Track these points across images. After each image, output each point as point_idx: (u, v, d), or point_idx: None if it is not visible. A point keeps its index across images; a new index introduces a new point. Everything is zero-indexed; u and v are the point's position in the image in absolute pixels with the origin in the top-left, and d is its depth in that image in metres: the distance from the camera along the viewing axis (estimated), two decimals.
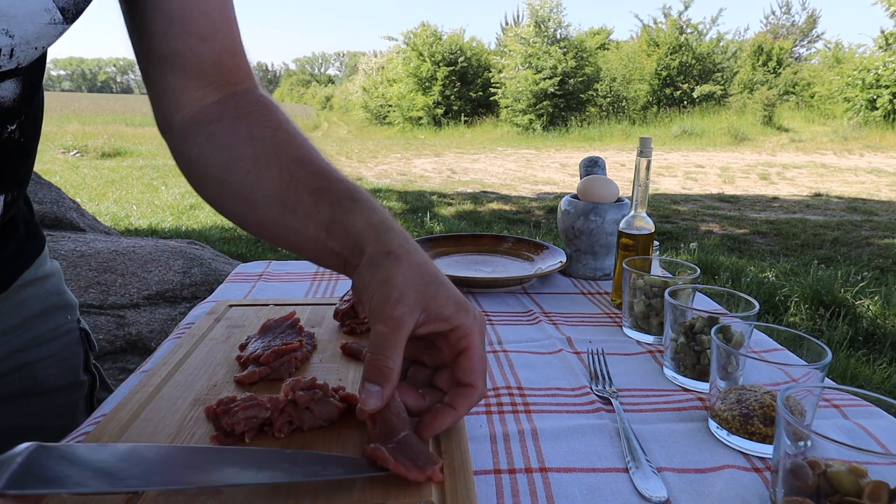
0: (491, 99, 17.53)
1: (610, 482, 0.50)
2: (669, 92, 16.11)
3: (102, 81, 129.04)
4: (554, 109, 15.86)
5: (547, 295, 0.97)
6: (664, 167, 9.03)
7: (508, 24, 20.91)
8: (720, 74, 16.10)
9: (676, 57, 16.05)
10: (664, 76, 16.14)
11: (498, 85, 17.02)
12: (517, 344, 0.78)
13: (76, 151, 9.80)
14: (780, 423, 0.44)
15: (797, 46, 21.40)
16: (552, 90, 15.68)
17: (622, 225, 0.90)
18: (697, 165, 9.28)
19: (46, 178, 3.54)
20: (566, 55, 15.94)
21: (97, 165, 8.64)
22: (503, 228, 5.09)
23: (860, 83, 13.61)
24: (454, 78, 18.20)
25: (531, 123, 15.72)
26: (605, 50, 17.39)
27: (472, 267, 1.06)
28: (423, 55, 18.28)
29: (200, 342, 0.70)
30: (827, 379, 0.59)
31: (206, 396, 0.57)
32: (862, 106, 13.50)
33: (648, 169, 0.86)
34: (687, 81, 16.00)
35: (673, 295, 0.69)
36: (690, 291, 0.74)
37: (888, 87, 12.99)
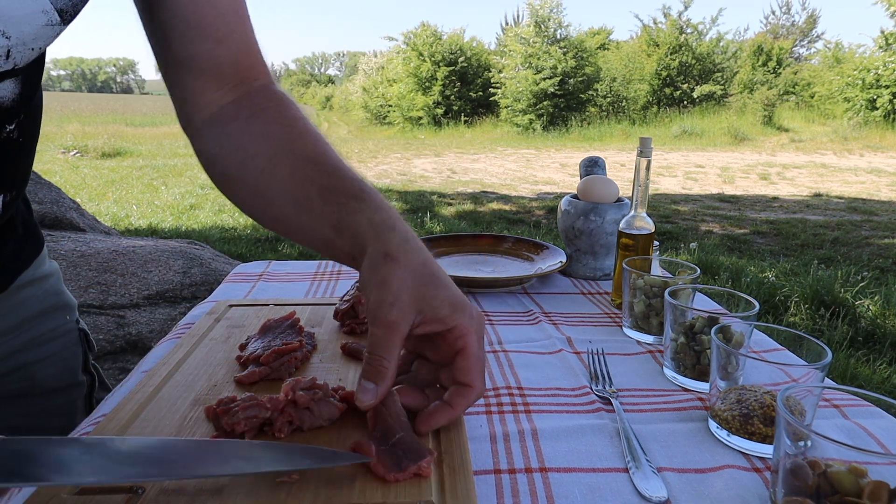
0: (491, 99, 17.52)
1: (610, 482, 0.50)
2: (669, 92, 16.10)
3: (102, 81, 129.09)
4: (554, 109, 15.85)
5: (547, 295, 0.97)
6: (664, 167, 9.03)
7: (508, 24, 20.91)
8: (720, 74, 16.10)
9: (676, 57, 16.04)
10: (664, 76, 16.13)
11: (498, 85, 17.01)
12: (517, 344, 0.78)
13: (76, 151, 9.80)
14: (780, 423, 0.44)
15: (797, 46, 21.41)
16: (552, 90, 15.68)
17: (622, 225, 0.90)
18: (697, 165, 9.28)
19: (46, 178, 3.54)
20: (566, 55, 15.93)
21: (97, 165, 8.64)
22: (503, 228, 5.09)
23: (860, 83, 13.61)
24: (454, 78, 18.19)
25: (531, 123, 15.71)
26: (605, 50, 17.38)
27: (472, 267, 1.06)
28: (423, 55, 18.27)
29: (200, 342, 0.70)
30: (827, 379, 0.59)
31: (206, 396, 0.57)
32: (862, 106, 13.50)
33: (648, 169, 0.86)
34: (687, 81, 15.99)
35: (673, 295, 0.69)
36: (690, 291, 0.74)
37: (888, 87, 12.98)
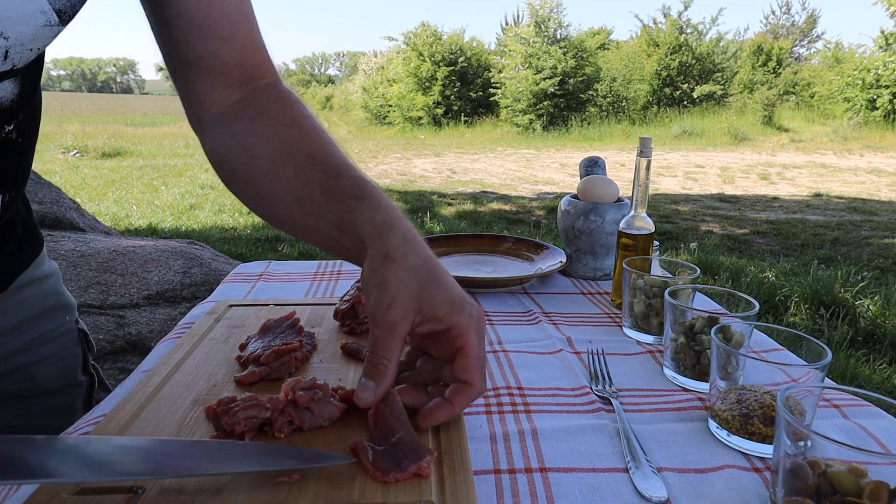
0: (491, 99, 17.50)
1: (610, 482, 0.50)
2: (669, 92, 16.10)
3: (102, 81, 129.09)
4: (554, 109, 15.84)
5: (547, 295, 0.97)
6: (664, 167, 9.03)
7: (508, 24, 20.88)
8: (720, 74, 16.09)
9: (676, 57, 16.03)
10: (664, 76, 16.13)
11: (498, 85, 17.00)
12: (517, 344, 0.78)
13: (76, 151, 9.80)
14: (780, 423, 0.44)
15: (797, 46, 21.40)
16: (552, 90, 15.67)
17: (622, 225, 0.90)
18: (697, 165, 9.28)
19: (46, 178, 3.54)
20: (566, 55, 15.93)
21: (97, 165, 8.64)
22: (503, 228, 5.09)
23: (860, 83, 13.60)
24: (454, 78, 18.18)
25: (531, 123, 15.70)
26: (605, 50, 17.37)
27: (472, 267, 1.06)
28: (423, 55, 18.26)
29: (200, 342, 0.70)
30: (827, 379, 0.59)
31: (206, 396, 0.57)
32: (862, 106, 13.49)
33: (648, 169, 0.86)
34: (687, 81, 15.99)
35: (673, 295, 0.69)
36: (690, 291, 0.74)
37: (888, 87, 12.98)
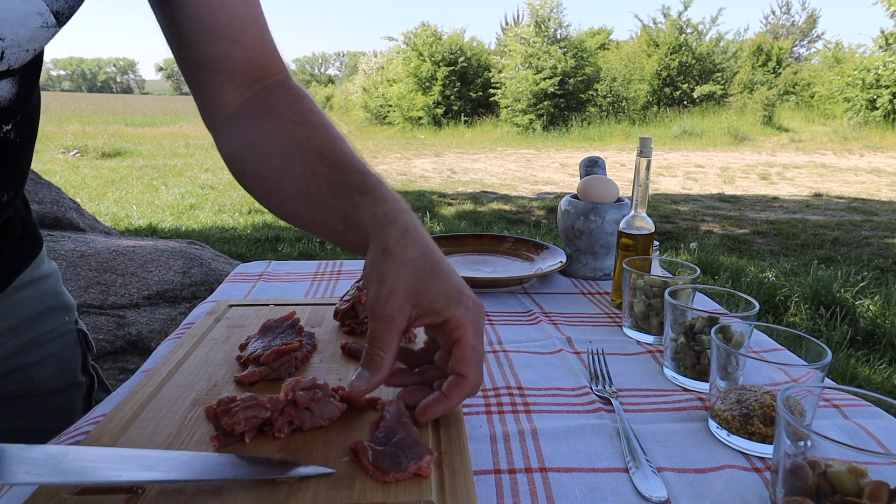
0: (491, 99, 17.50)
1: (610, 482, 0.50)
2: (669, 92, 16.09)
3: (102, 81, 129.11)
4: (554, 109, 15.84)
5: (547, 295, 0.97)
6: (664, 167, 9.03)
7: (508, 24, 20.87)
8: (720, 74, 16.09)
9: (676, 57, 16.03)
10: (664, 76, 16.12)
11: (498, 85, 16.99)
12: (517, 344, 0.78)
13: (76, 151, 9.80)
14: (780, 423, 0.44)
15: (797, 46, 21.39)
16: (552, 90, 15.67)
17: (622, 225, 0.90)
18: (697, 165, 9.28)
19: (46, 178, 3.54)
20: (566, 55, 15.92)
21: (97, 165, 8.64)
22: (503, 228, 5.09)
23: (860, 83, 13.60)
24: (454, 78, 18.17)
25: (531, 123, 15.70)
26: (605, 50, 17.36)
27: (472, 267, 1.06)
28: (423, 55, 18.25)
29: (200, 342, 0.70)
30: (827, 379, 0.59)
31: (206, 396, 0.57)
32: (862, 106, 13.49)
33: (648, 169, 0.86)
34: (687, 81, 15.99)
35: (673, 295, 0.69)
36: (690, 291, 0.74)
37: (888, 87, 12.98)
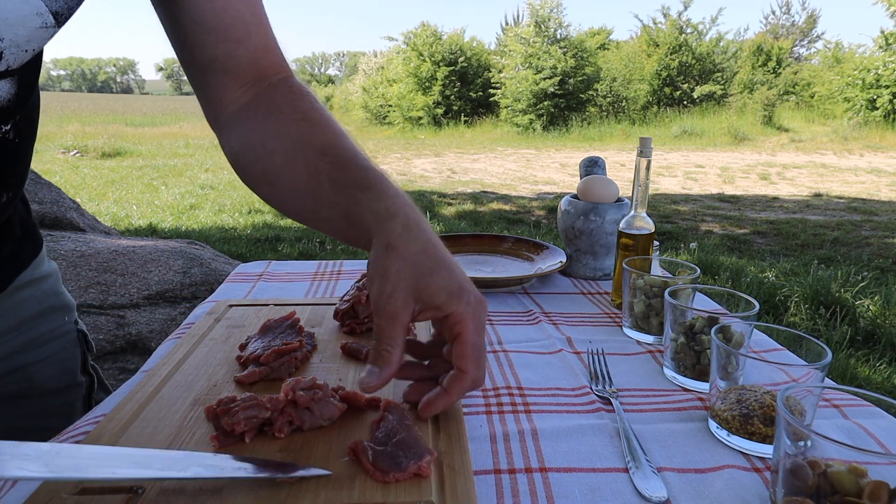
0: (491, 99, 17.49)
1: (610, 482, 0.50)
2: (669, 92, 16.09)
3: (102, 81, 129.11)
4: (554, 109, 15.84)
5: (547, 295, 0.97)
6: (664, 167, 9.03)
7: (508, 24, 20.85)
8: (720, 74, 16.08)
9: (676, 57, 16.03)
10: (664, 76, 16.12)
11: (498, 85, 16.99)
12: (517, 344, 0.78)
13: (76, 151, 9.80)
14: (780, 423, 0.44)
15: (797, 46, 21.39)
16: (552, 90, 15.67)
17: (622, 225, 0.90)
18: (697, 165, 9.28)
19: (46, 178, 3.54)
20: (566, 55, 15.92)
21: (97, 165, 8.64)
22: (503, 228, 5.09)
23: (860, 83, 13.60)
24: (454, 78, 18.17)
25: (531, 123, 15.69)
26: (605, 50, 17.36)
27: (472, 267, 1.06)
28: (423, 55, 18.24)
29: (200, 342, 0.70)
30: (827, 379, 0.59)
31: (206, 396, 0.57)
32: (862, 106, 13.49)
33: (648, 169, 0.86)
34: (687, 81, 15.98)
35: (673, 295, 0.69)
36: (690, 291, 0.74)
37: (888, 87, 12.97)
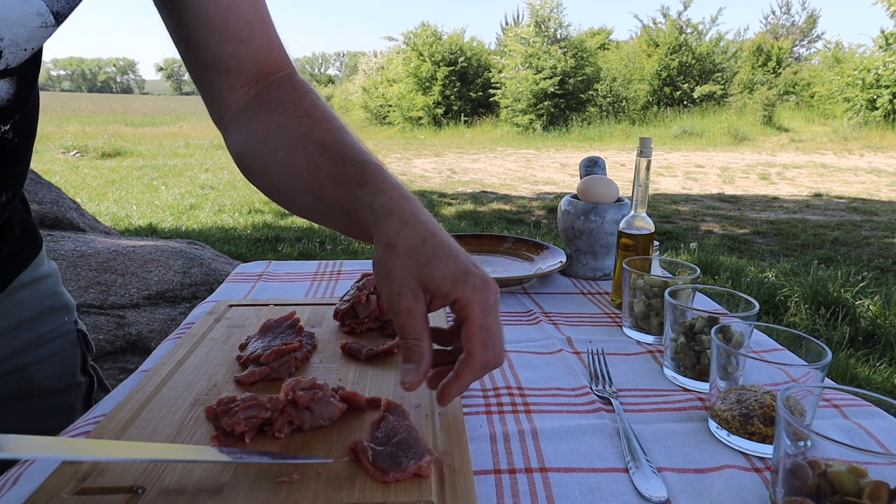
0: (491, 99, 17.48)
1: (610, 482, 0.50)
2: (669, 92, 16.09)
3: (102, 81, 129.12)
4: (554, 109, 15.83)
5: (547, 295, 0.97)
6: (664, 167, 9.03)
7: (508, 24, 20.85)
8: (720, 74, 16.08)
9: (676, 57, 16.03)
10: (664, 76, 16.12)
11: (498, 85, 16.98)
12: (517, 344, 0.78)
13: (76, 151, 9.80)
14: (780, 423, 0.44)
15: (797, 46, 21.39)
16: (552, 90, 15.66)
17: (622, 225, 0.90)
18: (697, 165, 9.28)
19: (46, 178, 3.54)
20: (566, 55, 15.92)
21: (97, 165, 8.64)
22: (503, 228, 5.09)
23: (860, 83, 13.60)
24: (454, 78, 18.16)
25: (531, 123, 15.69)
26: (605, 50, 17.36)
27: None
28: (423, 55, 18.24)
29: (200, 342, 0.70)
30: (827, 379, 0.59)
31: (206, 396, 0.57)
32: (862, 106, 13.49)
33: (648, 169, 0.86)
34: (687, 81, 15.98)
35: (673, 295, 0.69)
36: (690, 291, 0.74)
37: (888, 87, 12.97)
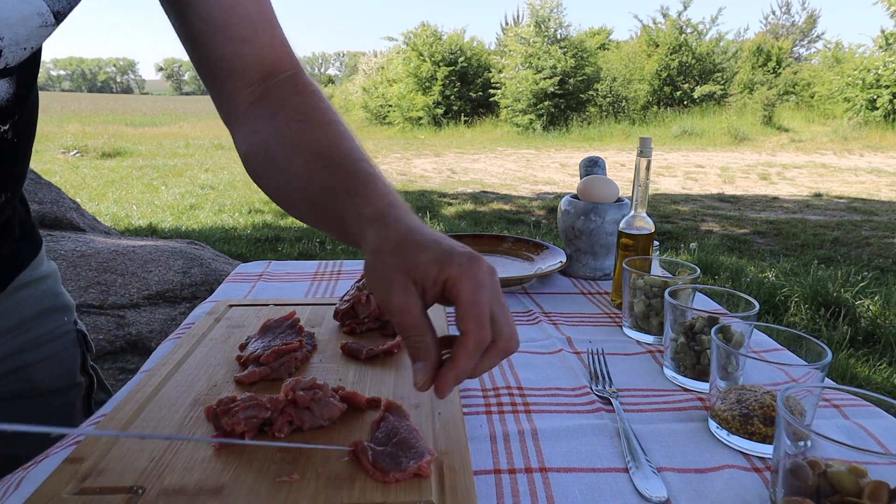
0: (491, 99, 17.48)
1: (610, 482, 0.50)
2: (669, 92, 16.09)
3: (102, 81, 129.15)
4: (554, 109, 15.83)
5: (547, 295, 0.97)
6: (664, 167, 9.03)
7: (508, 24, 20.84)
8: (720, 74, 16.08)
9: (676, 57, 16.03)
10: (664, 76, 16.12)
11: (498, 85, 16.98)
12: None
13: (76, 151, 9.80)
14: (780, 423, 0.44)
15: (797, 46, 21.39)
16: (552, 90, 15.67)
17: (622, 225, 0.90)
18: (697, 165, 9.28)
19: (46, 178, 3.54)
20: (566, 55, 15.92)
21: (97, 165, 8.64)
22: (503, 228, 5.09)
23: (860, 83, 13.60)
24: (454, 78, 18.16)
25: (531, 123, 15.69)
26: (605, 50, 17.36)
27: None
28: (423, 55, 18.23)
29: (200, 342, 0.70)
30: (827, 379, 0.59)
31: (206, 396, 0.57)
32: (862, 106, 13.49)
33: (648, 169, 0.86)
34: (687, 81, 15.98)
35: (673, 295, 0.69)
36: (690, 291, 0.74)
37: (888, 87, 12.97)
